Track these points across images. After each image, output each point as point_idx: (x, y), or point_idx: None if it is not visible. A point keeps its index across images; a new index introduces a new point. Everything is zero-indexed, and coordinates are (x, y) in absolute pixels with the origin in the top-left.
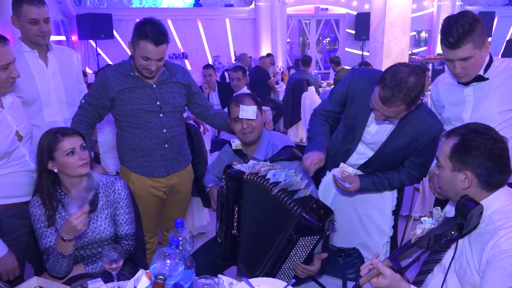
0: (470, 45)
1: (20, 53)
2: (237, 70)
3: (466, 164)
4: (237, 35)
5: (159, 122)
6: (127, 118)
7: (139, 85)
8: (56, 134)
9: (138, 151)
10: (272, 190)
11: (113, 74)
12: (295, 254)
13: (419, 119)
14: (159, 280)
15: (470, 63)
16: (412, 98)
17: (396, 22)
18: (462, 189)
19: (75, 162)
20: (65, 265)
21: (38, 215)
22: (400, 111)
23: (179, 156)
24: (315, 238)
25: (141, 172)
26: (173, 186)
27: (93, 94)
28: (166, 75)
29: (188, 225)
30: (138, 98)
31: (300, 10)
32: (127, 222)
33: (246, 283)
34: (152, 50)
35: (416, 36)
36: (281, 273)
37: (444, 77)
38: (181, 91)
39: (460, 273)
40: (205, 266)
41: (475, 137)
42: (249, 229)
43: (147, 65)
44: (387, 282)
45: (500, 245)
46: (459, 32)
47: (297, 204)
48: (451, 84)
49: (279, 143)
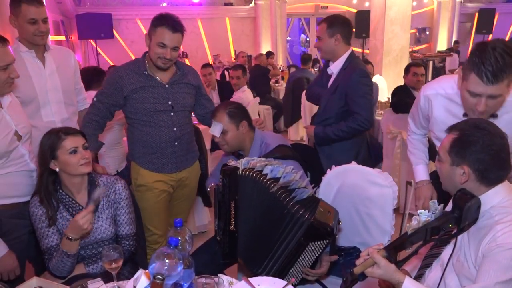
0: (506, 81)
1: (17, 53)
2: (237, 68)
3: (464, 159)
4: (237, 33)
5: (170, 121)
6: (139, 116)
7: (152, 84)
8: (59, 133)
9: (149, 148)
10: (271, 187)
11: (127, 73)
12: (304, 259)
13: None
14: (157, 280)
15: (497, 101)
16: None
17: (396, 19)
18: (460, 183)
19: (77, 161)
20: (69, 264)
21: (39, 215)
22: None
23: (188, 153)
24: (324, 242)
25: (150, 168)
26: (181, 180)
27: (105, 93)
28: (178, 75)
29: (189, 225)
30: (150, 97)
31: (300, 8)
32: (127, 222)
33: (246, 282)
34: (168, 36)
35: (416, 33)
36: (290, 275)
37: (439, 95)
38: (191, 92)
39: (457, 266)
40: (205, 265)
41: (473, 132)
42: (247, 225)
43: (163, 54)
44: (381, 272)
45: (496, 239)
46: (500, 66)
47: (303, 208)
48: (452, 114)
49: (272, 142)
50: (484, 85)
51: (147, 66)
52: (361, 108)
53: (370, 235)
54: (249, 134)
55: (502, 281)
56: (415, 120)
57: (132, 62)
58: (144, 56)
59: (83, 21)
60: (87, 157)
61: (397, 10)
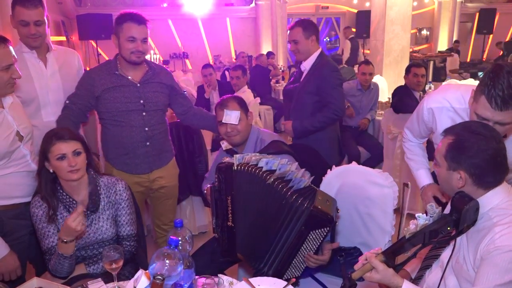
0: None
1: (19, 54)
2: (237, 69)
3: (460, 164)
4: (237, 34)
5: (142, 121)
6: (110, 116)
7: (123, 83)
8: (52, 137)
9: (121, 149)
10: (268, 178)
11: (98, 74)
12: (306, 248)
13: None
14: (157, 280)
15: (505, 128)
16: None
17: (397, 19)
18: (457, 188)
19: (65, 168)
20: (67, 265)
21: (40, 215)
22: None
23: (161, 153)
24: (325, 230)
25: (124, 169)
26: (156, 181)
27: (78, 94)
28: (149, 74)
29: (189, 225)
30: (122, 96)
31: (300, 9)
32: (128, 223)
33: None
34: (135, 29)
35: (417, 33)
36: (292, 267)
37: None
38: (164, 91)
39: (456, 268)
40: (205, 265)
41: (468, 137)
42: (245, 219)
43: (135, 47)
44: (379, 276)
45: (495, 241)
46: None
47: (301, 197)
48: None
49: (267, 139)
50: (492, 110)
51: (119, 67)
52: (334, 98)
53: (370, 235)
54: (250, 127)
55: (501, 284)
56: (414, 131)
57: (104, 63)
58: (116, 57)
59: (84, 21)
60: (74, 165)
61: (398, 10)
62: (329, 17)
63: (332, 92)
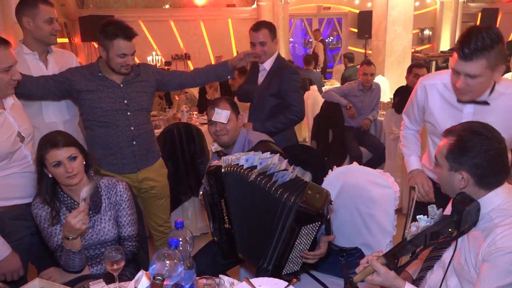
0: (484, 62)
1: (20, 55)
2: None
3: (462, 165)
4: (239, 35)
5: (127, 120)
6: (95, 117)
7: (107, 84)
8: (46, 144)
9: (108, 149)
10: (249, 176)
11: (81, 72)
12: (300, 243)
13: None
14: (157, 281)
15: (477, 82)
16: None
17: (399, 20)
18: (459, 188)
19: (62, 174)
20: (77, 260)
21: (43, 216)
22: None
23: (148, 152)
24: (317, 224)
25: (111, 169)
26: (144, 181)
27: (59, 75)
28: (131, 75)
29: (191, 226)
30: (106, 96)
31: (302, 9)
32: (129, 224)
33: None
34: (125, 46)
35: (419, 33)
36: (290, 262)
37: (436, 85)
38: (148, 90)
39: (458, 269)
40: (207, 266)
41: (470, 138)
42: (239, 219)
43: (125, 62)
44: (380, 279)
45: (496, 242)
46: (477, 45)
47: (287, 191)
48: (447, 103)
49: (255, 139)
50: (461, 61)
51: (101, 69)
52: (296, 101)
53: (372, 236)
54: (239, 129)
55: (502, 285)
56: (410, 114)
57: (86, 66)
58: (98, 60)
59: (86, 23)
60: (71, 171)
61: (400, 11)
62: (331, 17)
63: (294, 95)
